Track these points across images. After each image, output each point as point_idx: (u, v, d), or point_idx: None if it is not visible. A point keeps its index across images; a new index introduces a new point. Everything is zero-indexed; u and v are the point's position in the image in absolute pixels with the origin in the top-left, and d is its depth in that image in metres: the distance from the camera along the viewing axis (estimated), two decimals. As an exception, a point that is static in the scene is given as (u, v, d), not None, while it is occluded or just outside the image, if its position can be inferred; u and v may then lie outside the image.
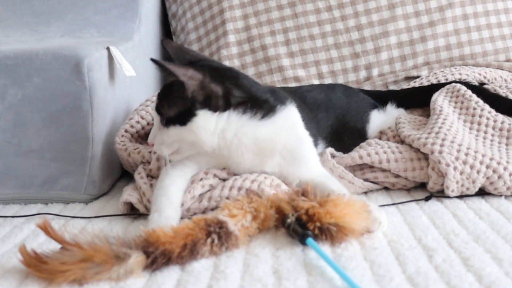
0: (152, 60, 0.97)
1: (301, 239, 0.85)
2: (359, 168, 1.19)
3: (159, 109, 1.03)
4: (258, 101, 1.04)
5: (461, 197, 1.10)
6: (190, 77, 0.98)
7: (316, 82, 1.78)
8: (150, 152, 1.23)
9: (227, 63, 1.78)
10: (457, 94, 1.34)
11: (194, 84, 0.99)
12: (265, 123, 1.04)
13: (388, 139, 1.27)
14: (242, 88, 1.04)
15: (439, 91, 1.38)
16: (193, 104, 1.00)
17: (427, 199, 1.09)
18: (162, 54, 1.94)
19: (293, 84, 1.76)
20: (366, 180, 1.17)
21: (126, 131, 1.30)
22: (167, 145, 1.03)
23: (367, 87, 1.74)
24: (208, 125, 1.01)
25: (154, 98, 1.36)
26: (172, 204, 0.99)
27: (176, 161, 1.12)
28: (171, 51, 1.07)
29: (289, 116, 1.08)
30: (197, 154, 1.10)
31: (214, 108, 1.01)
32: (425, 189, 1.16)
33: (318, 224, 0.86)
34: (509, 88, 1.41)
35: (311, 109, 1.26)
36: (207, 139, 1.02)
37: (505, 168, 1.08)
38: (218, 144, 1.03)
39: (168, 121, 1.02)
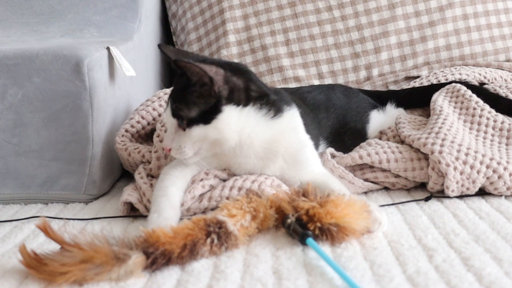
0: (177, 61, 0.97)
1: (301, 239, 0.85)
2: (359, 168, 1.19)
3: (177, 113, 1.00)
4: (270, 99, 1.05)
5: (461, 197, 1.10)
6: (215, 73, 0.98)
7: (316, 82, 1.78)
8: (150, 152, 1.23)
9: (227, 63, 1.78)
10: (457, 94, 1.34)
11: (219, 80, 0.99)
12: (274, 122, 1.05)
13: (388, 139, 1.27)
14: (255, 83, 1.05)
15: (439, 91, 1.38)
16: (219, 100, 0.99)
17: (427, 199, 1.09)
18: (162, 54, 1.94)
19: (293, 84, 1.76)
20: (366, 180, 1.17)
21: (126, 131, 1.30)
22: (189, 147, 1.02)
23: (367, 87, 1.74)
24: (232, 121, 1.01)
25: (155, 98, 1.37)
26: (171, 204, 0.99)
27: (176, 161, 1.12)
28: (171, 55, 1.06)
29: (293, 118, 1.09)
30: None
31: (238, 102, 1.01)
32: (425, 189, 1.16)
33: (318, 224, 0.86)
34: (509, 88, 1.41)
35: (312, 110, 1.27)
36: (230, 136, 1.02)
37: (505, 168, 1.08)
38: (235, 143, 1.03)
39: (190, 122, 1.00)
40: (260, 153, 1.06)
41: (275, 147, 1.06)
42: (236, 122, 1.01)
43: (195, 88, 0.99)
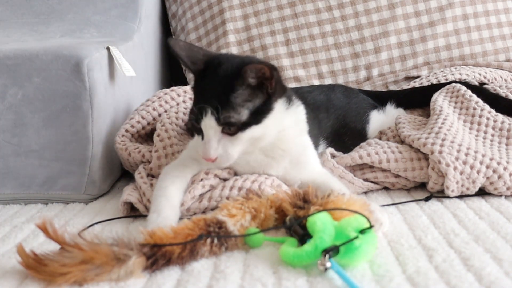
0: (250, 64, 0.92)
1: (301, 239, 0.85)
2: (359, 168, 1.19)
3: (227, 121, 0.95)
4: (288, 92, 1.05)
5: (461, 197, 1.10)
6: (272, 69, 0.96)
7: (316, 82, 1.78)
8: (150, 151, 1.23)
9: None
10: (457, 94, 1.34)
11: (275, 75, 0.96)
12: (287, 113, 1.04)
13: (388, 139, 1.27)
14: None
15: (439, 91, 1.38)
16: (271, 97, 0.98)
17: (427, 199, 1.09)
18: (162, 54, 1.94)
19: (293, 84, 1.76)
20: (366, 180, 1.17)
21: (126, 130, 1.30)
22: (237, 151, 0.99)
23: (367, 87, 1.74)
24: (278, 116, 1.01)
25: (155, 98, 1.37)
26: (171, 204, 0.99)
27: (177, 161, 1.12)
28: (179, 50, 1.01)
29: (302, 112, 1.09)
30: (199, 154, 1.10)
31: (280, 97, 1.00)
32: (425, 189, 1.16)
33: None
34: (509, 88, 1.41)
35: (312, 110, 1.27)
36: (274, 132, 1.01)
37: (505, 168, 1.08)
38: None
39: (241, 126, 0.97)
40: (268, 151, 1.05)
41: (282, 144, 1.05)
42: (279, 118, 1.01)
43: (243, 90, 0.95)
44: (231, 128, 0.96)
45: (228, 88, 0.95)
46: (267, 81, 0.96)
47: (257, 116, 0.97)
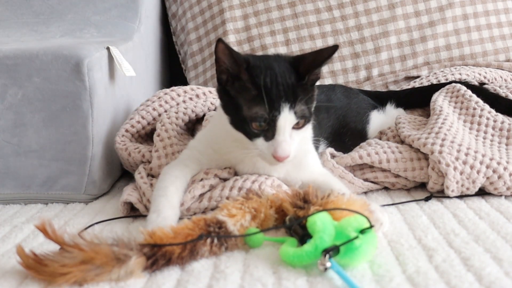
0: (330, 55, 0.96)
1: (301, 239, 0.85)
2: (359, 168, 1.19)
3: (303, 114, 0.95)
4: None
5: (461, 197, 1.10)
6: None
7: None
8: (150, 151, 1.23)
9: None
10: (457, 94, 1.34)
11: None
12: None
13: (388, 139, 1.27)
14: None
15: (439, 91, 1.38)
16: (313, 89, 1.00)
17: (427, 199, 1.09)
18: (162, 54, 1.94)
19: (293, 84, 1.76)
20: (366, 180, 1.17)
21: (126, 130, 1.30)
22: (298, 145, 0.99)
23: (367, 87, 1.74)
24: None
25: (155, 98, 1.37)
26: (170, 204, 0.99)
27: (177, 161, 1.12)
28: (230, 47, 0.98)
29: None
30: (199, 154, 1.10)
31: None
32: (425, 189, 1.16)
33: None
34: (509, 88, 1.42)
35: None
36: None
37: (505, 168, 1.08)
38: None
39: (309, 117, 0.99)
40: None
41: None
42: None
43: (305, 84, 0.96)
44: (300, 121, 0.96)
45: (293, 83, 0.95)
46: (309, 81, 0.98)
47: (310, 108, 0.99)
